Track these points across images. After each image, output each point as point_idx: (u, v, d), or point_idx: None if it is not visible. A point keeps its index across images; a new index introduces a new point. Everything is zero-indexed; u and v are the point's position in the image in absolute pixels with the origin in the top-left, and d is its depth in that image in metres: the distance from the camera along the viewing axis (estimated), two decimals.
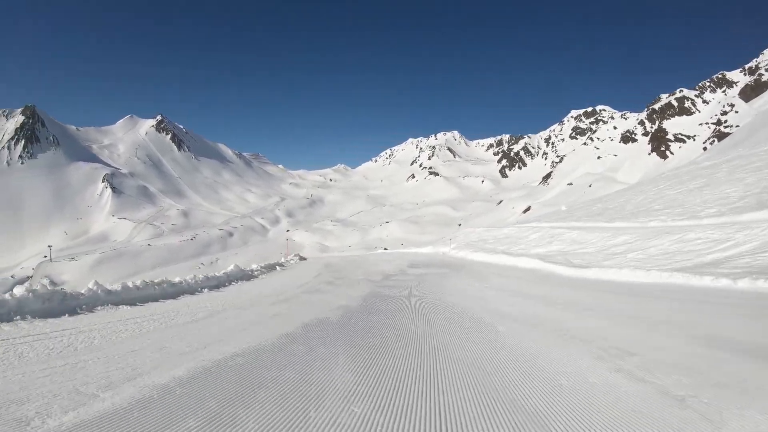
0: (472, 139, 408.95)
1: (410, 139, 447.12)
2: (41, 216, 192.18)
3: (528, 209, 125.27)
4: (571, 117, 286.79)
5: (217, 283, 13.43)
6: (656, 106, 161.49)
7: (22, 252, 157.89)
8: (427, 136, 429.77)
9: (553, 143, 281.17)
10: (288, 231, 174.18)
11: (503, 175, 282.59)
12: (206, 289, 12.13)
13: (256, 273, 17.62)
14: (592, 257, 16.57)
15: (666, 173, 51.00)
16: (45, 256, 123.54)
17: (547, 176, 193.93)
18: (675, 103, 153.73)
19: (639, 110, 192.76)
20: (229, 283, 14.15)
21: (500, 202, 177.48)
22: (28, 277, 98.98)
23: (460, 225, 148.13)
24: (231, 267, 16.81)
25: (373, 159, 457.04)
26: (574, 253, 18.18)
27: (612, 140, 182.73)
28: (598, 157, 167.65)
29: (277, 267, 20.90)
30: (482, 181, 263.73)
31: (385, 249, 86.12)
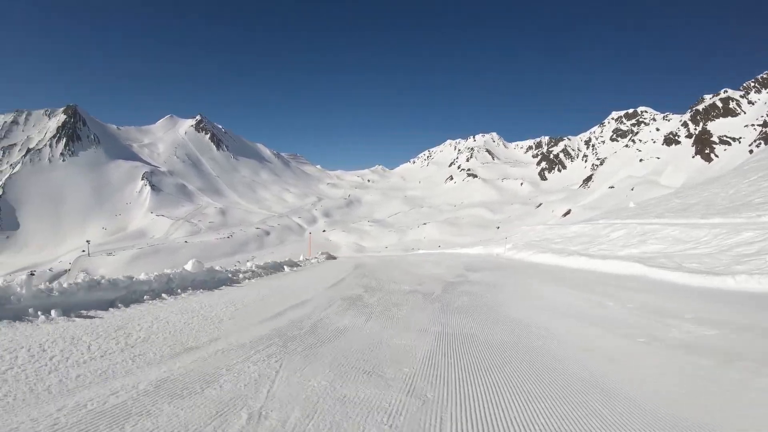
0: (510, 141, 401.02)
1: (448, 141, 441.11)
2: (81, 212, 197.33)
3: (568, 212, 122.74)
4: (612, 119, 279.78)
5: (115, 297, 7.57)
6: (700, 107, 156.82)
7: (61, 246, 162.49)
8: (465, 137, 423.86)
9: (593, 145, 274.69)
10: (324, 231, 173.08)
11: (542, 177, 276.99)
12: (50, 313, 6.40)
13: (240, 276, 12.19)
14: (715, 260, 13.49)
15: (749, 164, 47.24)
16: (83, 251, 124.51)
17: (588, 179, 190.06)
18: (719, 104, 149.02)
19: (681, 111, 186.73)
20: (162, 296, 8.55)
21: (539, 204, 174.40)
22: (66, 271, 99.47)
23: (498, 228, 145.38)
24: (188, 265, 10.94)
25: (411, 160, 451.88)
26: (683, 255, 15.12)
27: (654, 142, 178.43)
28: (641, 160, 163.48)
29: (285, 267, 16.57)
30: (521, 184, 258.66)
31: (420, 250, 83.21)
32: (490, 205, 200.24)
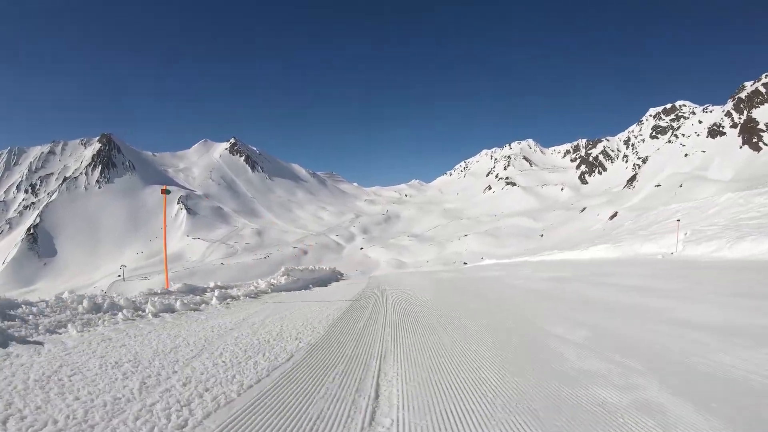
0: (547, 146, 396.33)
1: (484, 150, 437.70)
2: (117, 238, 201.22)
3: (615, 215, 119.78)
4: (650, 116, 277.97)
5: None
6: (742, 95, 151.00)
7: (98, 272, 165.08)
8: (501, 146, 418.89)
9: (633, 145, 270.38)
10: (361, 248, 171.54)
11: (583, 181, 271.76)
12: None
13: None
14: None
15: None
16: (118, 276, 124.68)
17: (632, 179, 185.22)
18: (763, 90, 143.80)
19: (722, 102, 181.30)
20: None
21: (584, 209, 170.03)
22: None
23: (542, 236, 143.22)
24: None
25: (448, 172, 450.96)
26: None
27: (698, 135, 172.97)
28: (686, 155, 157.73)
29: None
30: (561, 189, 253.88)
31: (465, 263, 79.27)
32: (531, 213, 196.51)
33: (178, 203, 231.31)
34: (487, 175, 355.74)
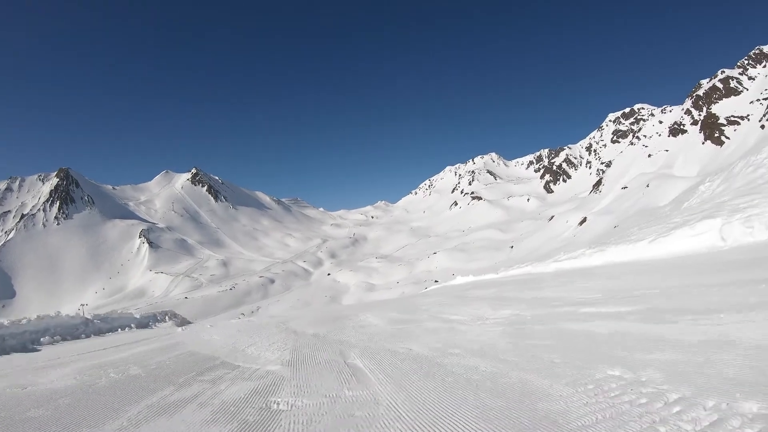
0: (510, 158, 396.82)
1: (448, 167, 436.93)
2: (78, 276, 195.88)
3: (584, 220, 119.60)
4: (609, 121, 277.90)
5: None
6: (700, 92, 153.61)
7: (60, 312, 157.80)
8: (464, 161, 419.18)
9: (595, 150, 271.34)
10: (329, 274, 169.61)
11: (548, 190, 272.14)
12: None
13: None
14: None
15: None
16: None
17: (597, 184, 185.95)
18: (719, 85, 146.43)
19: (679, 102, 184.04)
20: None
21: (552, 217, 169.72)
22: None
23: (512, 247, 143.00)
24: None
25: (413, 191, 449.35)
26: None
27: (660, 135, 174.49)
28: (649, 155, 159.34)
29: None
30: (527, 200, 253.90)
31: (436, 281, 77.62)
32: (499, 226, 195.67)
33: (139, 237, 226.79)
34: (452, 191, 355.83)
